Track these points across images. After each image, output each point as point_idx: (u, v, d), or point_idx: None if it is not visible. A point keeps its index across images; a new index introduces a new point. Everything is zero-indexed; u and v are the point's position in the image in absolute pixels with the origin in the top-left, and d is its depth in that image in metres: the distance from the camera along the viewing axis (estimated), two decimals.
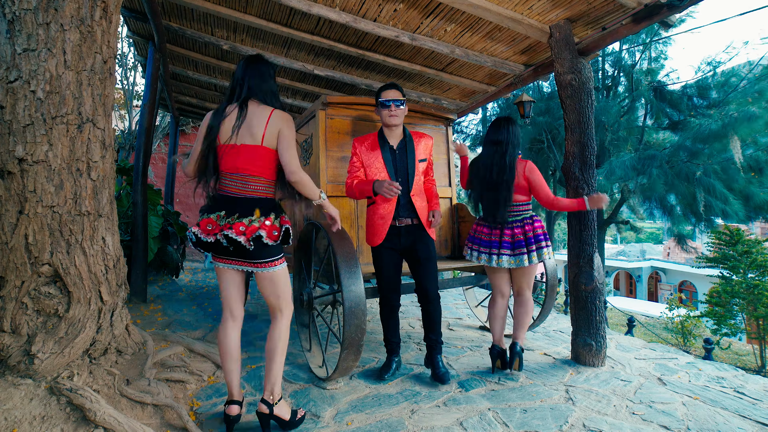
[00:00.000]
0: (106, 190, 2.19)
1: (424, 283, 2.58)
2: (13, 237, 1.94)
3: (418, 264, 2.58)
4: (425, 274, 2.57)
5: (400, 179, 2.56)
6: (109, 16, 2.12)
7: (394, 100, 2.50)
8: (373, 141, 2.59)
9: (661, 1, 2.56)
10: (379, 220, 2.53)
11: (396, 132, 2.60)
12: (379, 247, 2.58)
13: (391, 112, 2.50)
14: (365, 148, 2.58)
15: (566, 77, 3.03)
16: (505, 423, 2.10)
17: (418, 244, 2.57)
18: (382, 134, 2.60)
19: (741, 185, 8.06)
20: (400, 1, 3.18)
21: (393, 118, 2.52)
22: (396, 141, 2.59)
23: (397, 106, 2.50)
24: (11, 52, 1.88)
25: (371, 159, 2.55)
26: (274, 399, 1.96)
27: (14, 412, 1.78)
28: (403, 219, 2.55)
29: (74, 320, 2.05)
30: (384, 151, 2.55)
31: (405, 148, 2.59)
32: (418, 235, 2.58)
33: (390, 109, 2.50)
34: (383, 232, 2.53)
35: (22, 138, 1.90)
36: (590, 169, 2.98)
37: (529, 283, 2.75)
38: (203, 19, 3.95)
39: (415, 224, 2.58)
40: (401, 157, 2.58)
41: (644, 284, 22.32)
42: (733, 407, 2.30)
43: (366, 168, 2.57)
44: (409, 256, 2.62)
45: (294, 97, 5.87)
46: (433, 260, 2.60)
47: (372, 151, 2.56)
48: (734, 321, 7.92)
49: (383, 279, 2.60)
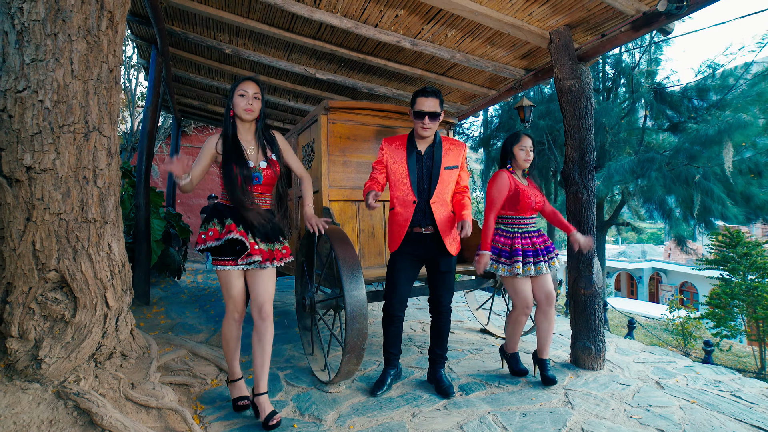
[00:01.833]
0: (111, 197, 2.22)
1: (440, 295, 2.55)
2: (20, 244, 1.98)
3: (437, 275, 2.54)
4: (442, 285, 2.54)
5: (425, 185, 2.47)
6: (115, 25, 2.16)
7: (430, 113, 2.37)
8: (401, 143, 2.53)
9: (659, 10, 2.59)
10: (397, 227, 2.49)
11: (426, 139, 2.52)
12: (397, 252, 2.52)
13: (425, 125, 2.40)
14: (393, 149, 2.53)
15: (566, 83, 3.06)
16: (504, 427, 2.13)
17: (439, 258, 2.51)
18: (411, 138, 2.54)
19: (741, 187, 8.07)
20: (402, 8, 3.21)
21: (425, 131, 2.42)
22: (424, 146, 2.52)
23: (431, 120, 2.39)
24: (20, 62, 1.91)
25: (397, 162, 2.50)
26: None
27: (22, 416, 1.82)
28: (422, 227, 2.47)
29: (80, 325, 2.08)
30: (410, 155, 2.48)
31: (432, 154, 2.50)
32: (438, 249, 2.50)
33: (423, 122, 2.39)
34: (399, 239, 2.49)
35: (30, 146, 1.93)
36: (590, 174, 3.01)
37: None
38: (206, 24, 3.98)
39: (433, 234, 2.48)
40: (427, 163, 2.49)
41: (645, 285, 22.32)
42: (730, 411, 2.33)
43: (391, 172, 2.52)
44: (429, 265, 2.57)
45: (295, 100, 5.91)
46: (452, 274, 2.56)
47: (398, 154, 2.51)
48: (734, 323, 7.95)
49: (392, 286, 2.52)
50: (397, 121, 3.48)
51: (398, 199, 2.49)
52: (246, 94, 2.11)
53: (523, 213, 2.70)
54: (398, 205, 2.49)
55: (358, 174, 3.31)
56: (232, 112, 2.14)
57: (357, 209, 3.31)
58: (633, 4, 2.75)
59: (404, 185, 2.47)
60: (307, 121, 3.53)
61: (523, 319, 2.73)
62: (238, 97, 2.11)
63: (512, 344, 2.85)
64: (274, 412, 2.12)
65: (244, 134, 2.18)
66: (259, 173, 2.13)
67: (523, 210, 2.69)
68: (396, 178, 2.50)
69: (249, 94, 2.11)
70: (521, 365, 2.83)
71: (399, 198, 2.49)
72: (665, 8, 2.53)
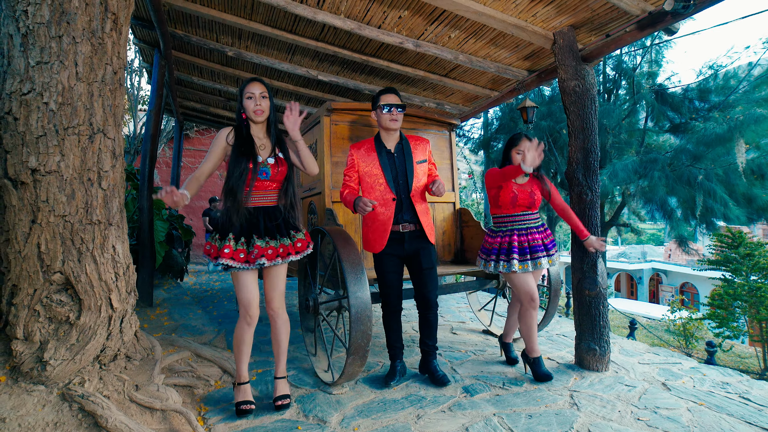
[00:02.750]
0: (116, 199, 2.22)
1: (425, 292, 2.59)
2: (25, 246, 1.97)
3: (420, 272, 2.59)
4: (426, 282, 2.58)
5: (400, 181, 2.57)
6: (119, 27, 2.16)
7: (397, 105, 2.52)
8: (370, 146, 2.61)
9: (665, 9, 2.58)
10: (380, 227, 2.53)
11: (393, 136, 2.63)
12: (382, 254, 2.57)
13: (393, 116, 2.54)
14: (362, 153, 2.60)
15: (570, 84, 3.06)
16: (510, 429, 2.12)
17: (421, 252, 2.58)
18: (378, 139, 2.62)
19: (744, 188, 8.05)
20: (405, 8, 3.21)
21: (394, 123, 2.55)
22: (393, 144, 2.62)
23: (399, 111, 2.53)
24: (25, 65, 1.91)
25: (369, 164, 2.57)
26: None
27: (28, 418, 1.81)
28: (406, 224, 2.55)
29: (85, 327, 2.08)
30: (381, 155, 2.57)
31: (402, 151, 2.61)
32: (420, 244, 2.59)
33: (392, 114, 2.53)
34: (384, 239, 2.52)
35: (35, 149, 1.93)
36: (594, 174, 3.00)
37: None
38: (208, 26, 3.98)
39: (417, 230, 2.58)
40: (399, 160, 2.60)
41: (645, 286, 22.28)
42: (739, 413, 2.31)
43: (363, 175, 2.58)
44: (411, 263, 2.62)
45: (298, 102, 5.90)
46: (434, 269, 2.62)
47: (369, 156, 2.58)
48: (737, 324, 7.92)
49: (386, 286, 2.60)
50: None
51: (376, 199, 2.53)
52: (253, 95, 2.16)
53: (508, 210, 2.73)
54: (378, 205, 2.52)
55: None
56: (244, 115, 2.20)
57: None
58: (638, 4, 2.74)
59: (380, 185, 2.54)
60: (309, 123, 3.53)
61: (533, 313, 2.72)
62: (247, 100, 2.17)
63: (530, 345, 2.77)
64: (285, 396, 2.32)
65: (257, 132, 2.26)
66: (266, 168, 2.18)
67: (505, 207, 2.71)
68: (371, 179, 2.56)
69: (256, 95, 2.16)
70: (544, 369, 2.76)
71: (377, 198, 2.53)
72: (671, 7, 2.53)
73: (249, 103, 2.17)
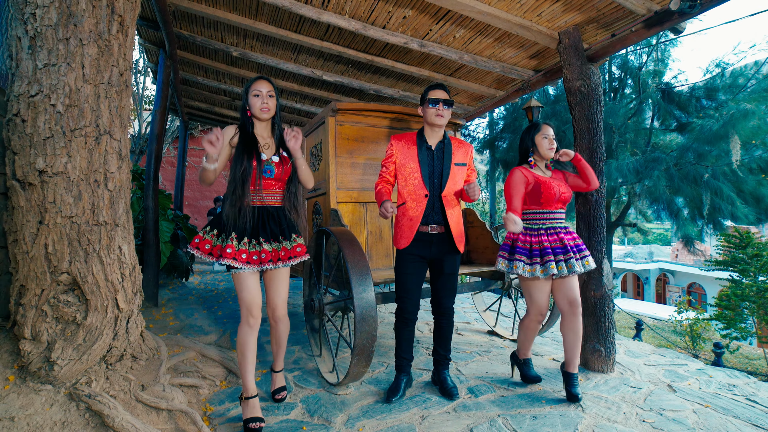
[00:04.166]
0: (122, 200, 2.24)
1: (441, 296, 2.55)
2: (33, 247, 1.99)
3: (441, 276, 2.53)
4: (446, 288, 2.53)
5: (435, 180, 2.49)
6: (126, 29, 2.17)
7: (444, 100, 2.45)
8: (411, 139, 2.54)
9: (671, 8, 2.56)
10: (408, 222, 2.47)
11: (437, 133, 2.54)
12: (404, 253, 2.48)
13: (439, 111, 2.45)
14: (402, 145, 2.53)
15: (575, 84, 3.04)
16: (514, 430, 2.11)
17: (446, 258, 2.50)
18: (421, 134, 2.55)
19: (751, 187, 7.94)
20: (410, 8, 3.21)
21: (439, 118, 2.46)
22: (435, 142, 2.53)
23: (445, 107, 2.46)
24: (33, 67, 1.93)
25: (407, 158, 2.50)
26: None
27: (36, 417, 1.83)
28: (434, 225, 2.46)
29: (92, 327, 2.10)
30: (420, 150, 2.50)
31: (443, 150, 2.53)
32: (448, 249, 2.50)
33: (438, 108, 2.45)
34: (411, 235, 2.44)
35: (43, 150, 1.95)
36: (600, 175, 2.99)
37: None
38: (214, 26, 4.00)
39: (445, 234, 2.49)
40: (438, 158, 2.51)
41: (652, 286, 22.13)
42: (746, 416, 2.29)
43: (400, 166, 2.51)
44: (433, 267, 2.55)
45: (303, 102, 5.92)
46: (456, 275, 2.56)
47: (408, 149, 2.51)
48: (744, 325, 7.85)
49: (403, 290, 2.49)
50: (405, 122, 3.47)
51: (409, 193, 2.47)
52: (260, 93, 2.15)
53: (548, 206, 2.53)
54: (409, 199, 2.47)
55: (366, 176, 3.31)
56: (249, 112, 2.19)
57: (365, 211, 3.31)
58: (644, 4, 2.72)
59: (415, 179, 2.47)
60: (314, 123, 3.54)
61: (536, 326, 2.62)
62: (253, 98, 2.15)
63: (524, 350, 2.76)
64: (282, 388, 2.45)
65: (261, 131, 2.24)
66: (271, 166, 2.17)
67: (547, 203, 2.52)
68: (407, 172, 2.49)
69: (263, 93, 2.15)
70: (533, 371, 2.75)
71: (410, 192, 2.47)
72: (678, 7, 2.51)
73: (256, 100, 2.14)
